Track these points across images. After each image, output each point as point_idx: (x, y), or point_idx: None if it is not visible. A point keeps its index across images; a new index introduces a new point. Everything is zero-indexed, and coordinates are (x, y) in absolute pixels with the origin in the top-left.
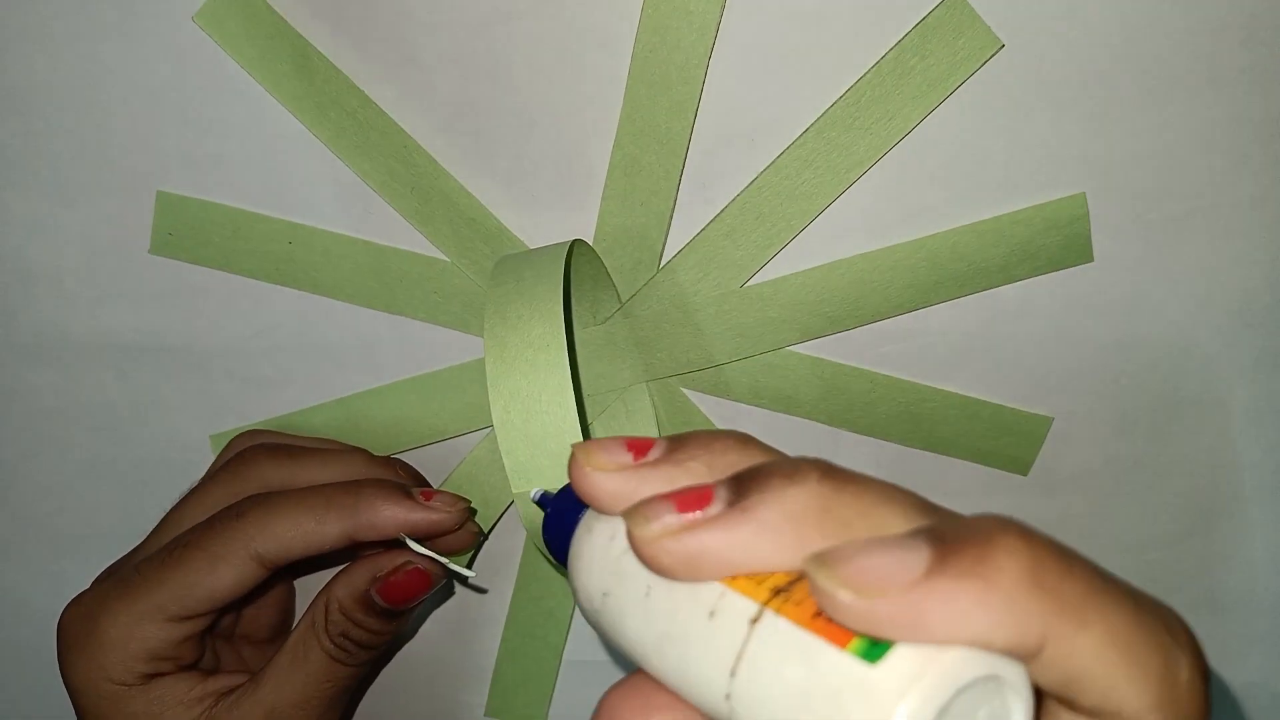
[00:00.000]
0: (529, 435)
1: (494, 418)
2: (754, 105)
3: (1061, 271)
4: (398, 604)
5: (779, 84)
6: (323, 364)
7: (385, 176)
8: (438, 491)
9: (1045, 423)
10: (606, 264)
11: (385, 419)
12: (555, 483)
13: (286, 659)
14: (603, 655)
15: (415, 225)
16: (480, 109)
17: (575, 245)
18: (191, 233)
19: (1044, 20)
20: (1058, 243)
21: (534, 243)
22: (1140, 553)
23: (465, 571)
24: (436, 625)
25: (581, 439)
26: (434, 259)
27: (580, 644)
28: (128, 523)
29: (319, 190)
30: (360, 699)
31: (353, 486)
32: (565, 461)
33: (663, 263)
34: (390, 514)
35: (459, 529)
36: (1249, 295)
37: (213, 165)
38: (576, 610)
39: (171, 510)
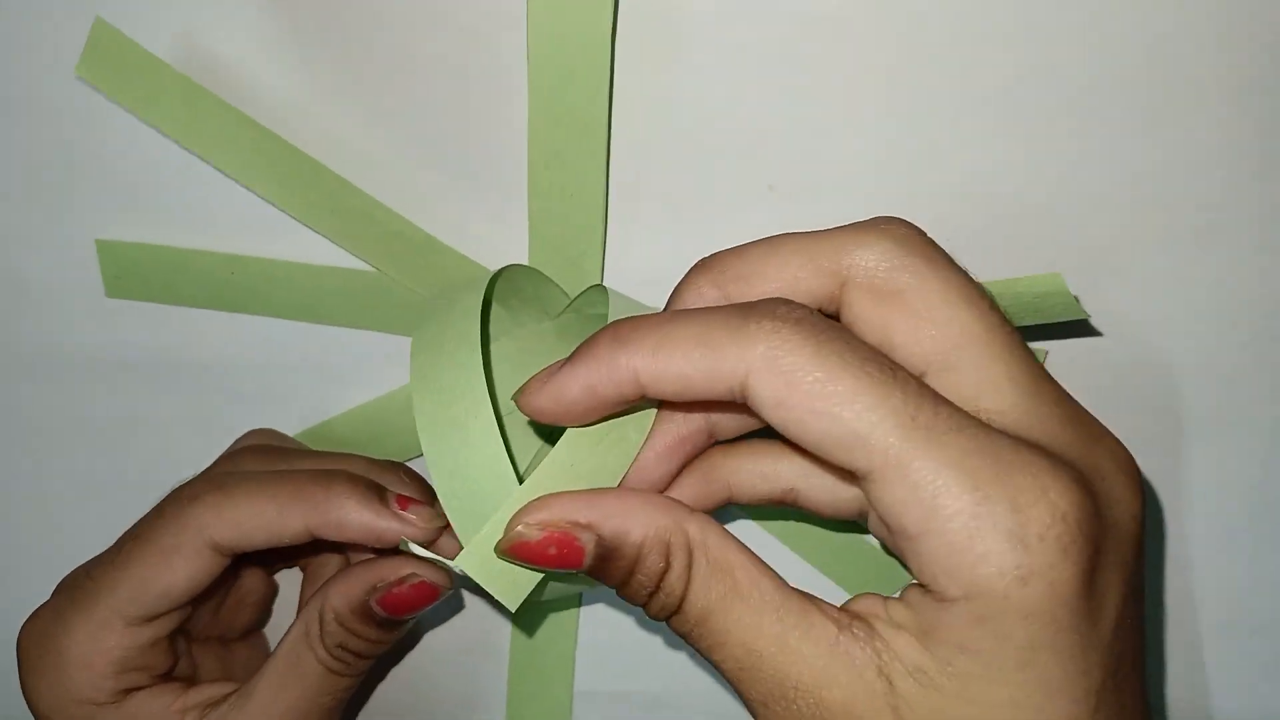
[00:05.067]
0: (476, 512)
1: (439, 493)
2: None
3: (1074, 288)
4: (400, 614)
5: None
6: (321, 381)
7: (303, 204)
8: (416, 502)
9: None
10: (549, 259)
11: (388, 428)
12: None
13: (279, 671)
14: (626, 637)
15: (344, 247)
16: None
17: (499, 276)
18: (137, 274)
19: (1064, 30)
20: (1040, 307)
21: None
22: (1160, 575)
23: (464, 569)
24: (442, 640)
25: (519, 502)
26: (369, 273)
27: (600, 629)
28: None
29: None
30: (360, 708)
31: (324, 478)
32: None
33: (607, 251)
34: (358, 517)
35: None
36: (1270, 311)
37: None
38: (596, 591)
39: (148, 512)
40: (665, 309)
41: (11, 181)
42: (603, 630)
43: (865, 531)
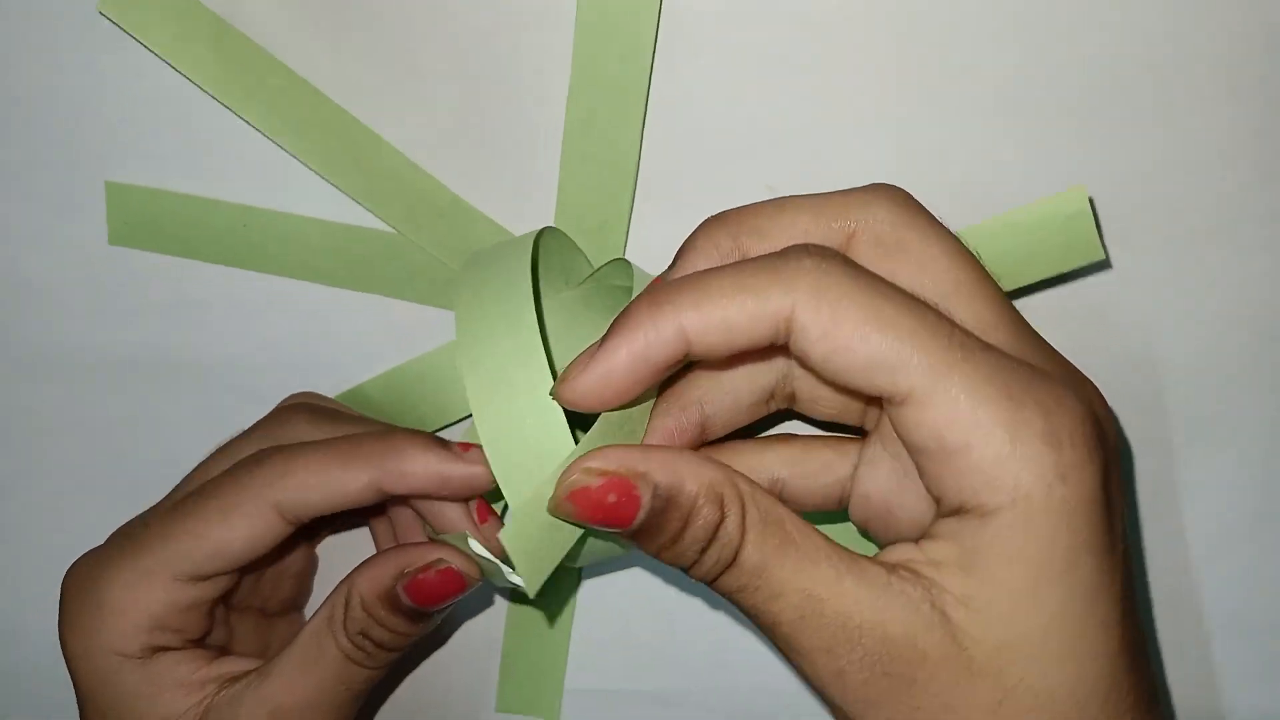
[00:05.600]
0: (523, 466)
1: (485, 446)
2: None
3: (1078, 287)
4: (426, 606)
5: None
6: (325, 378)
7: (324, 156)
8: (478, 447)
9: (1081, 194)
10: (573, 226)
11: (406, 399)
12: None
13: (298, 655)
14: (624, 635)
15: (363, 204)
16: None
17: (539, 233)
18: (146, 222)
19: (1063, 31)
20: (1061, 240)
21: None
22: (1161, 576)
23: (518, 580)
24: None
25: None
26: (387, 234)
27: (598, 626)
28: None
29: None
30: (379, 705)
31: (383, 432)
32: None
33: (631, 222)
34: (423, 463)
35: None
36: (1273, 312)
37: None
38: (595, 590)
39: (196, 467)
40: (674, 262)
41: (12, 178)
42: (601, 628)
43: (844, 520)
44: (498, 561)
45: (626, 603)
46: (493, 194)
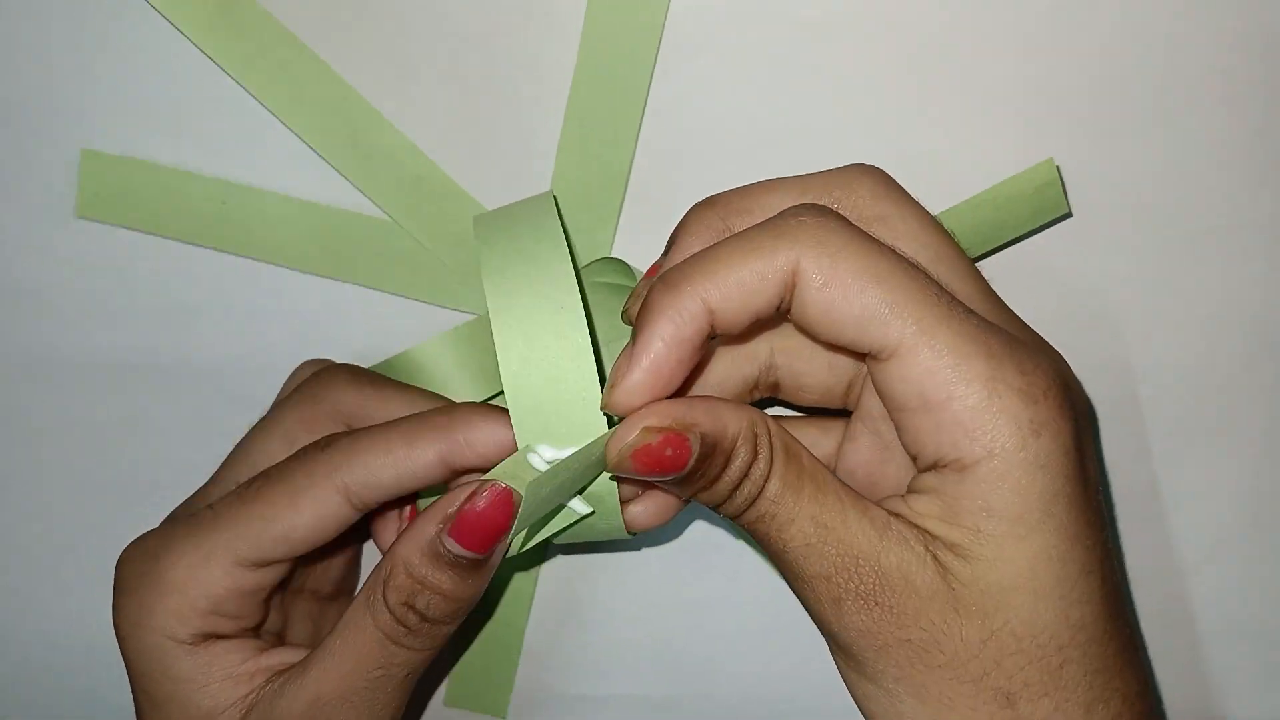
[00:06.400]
0: (540, 403)
1: (506, 389)
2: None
3: (1073, 292)
4: (477, 545)
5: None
6: None
7: (321, 132)
8: None
9: (1049, 166)
10: (566, 216)
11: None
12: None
13: (336, 640)
14: (624, 642)
15: (355, 183)
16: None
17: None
18: (119, 193)
19: (1055, 34)
20: (1031, 206)
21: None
22: (1156, 582)
23: (580, 507)
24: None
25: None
26: (376, 219)
27: (599, 632)
28: (118, 545)
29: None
30: (424, 707)
31: (446, 407)
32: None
33: (620, 218)
34: (490, 431)
35: None
36: (1268, 317)
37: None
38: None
39: (240, 442)
40: (667, 248)
41: (5, 187)
42: (591, 634)
43: None
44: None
45: (619, 608)
46: (486, 186)
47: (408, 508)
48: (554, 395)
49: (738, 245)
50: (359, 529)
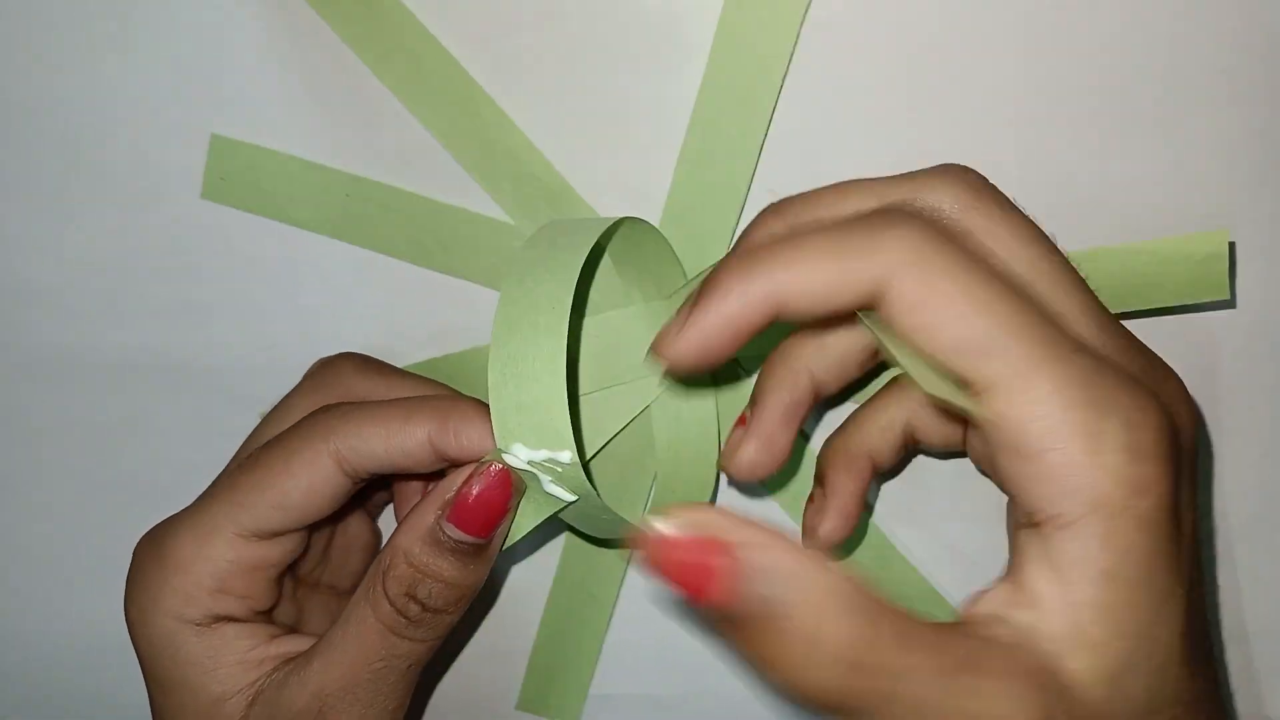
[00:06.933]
0: (520, 403)
1: (489, 379)
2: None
3: None
4: (477, 528)
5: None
6: None
7: (448, 126)
8: None
9: (1223, 236)
10: (676, 235)
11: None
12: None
13: (339, 631)
14: (637, 641)
15: (476, 178)
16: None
17: (628, 221)
18: (244, 178)
19: (1060, 34)
20: (1188, 274)
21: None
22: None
23: (558, 490)
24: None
25: (566, 410)
26: (493, 220)
27: (612, 631)
28: (120, 545)
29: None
30: (427, 698)
31: (449, 393)
32: (550, 431)
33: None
34: (482, 427)
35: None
36: (1268, 317)
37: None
38: (620, 595)
39: (255, 429)
40: (734, 249)
41: (11, 186)
42: (614, 632)
43: None
44: (535, 472)
45: (619, 608)
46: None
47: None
48: (529, 398)
49: (826, 242)
50: (375, 517)
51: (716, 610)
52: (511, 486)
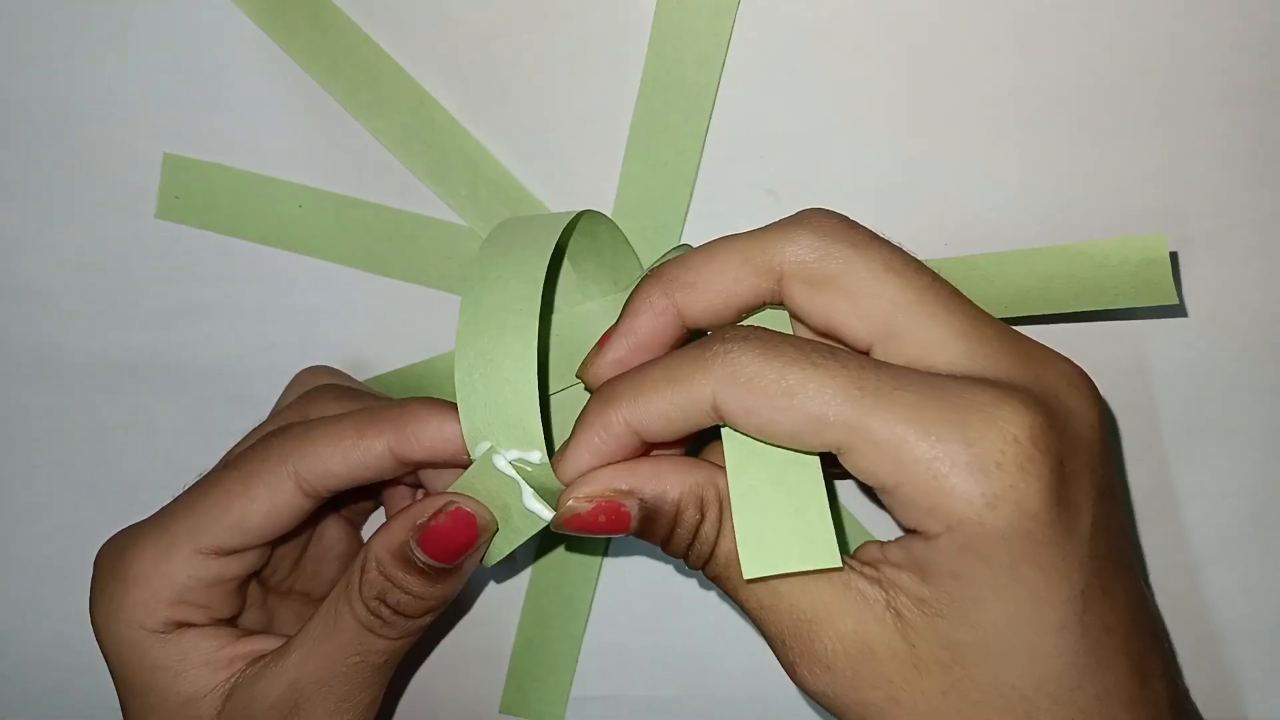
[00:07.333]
0: (489, 402)
1: (456, 379)
2: (779, 84)
3: None
4: (441, 557)
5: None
6: None
7: (400, 134)
8: None
9: (1160, 240)
10: (628, 228)
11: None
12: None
13: (316, 626)
14: (625, 642)
15: (430, 186)
16: (501, 66)
17: (585, 215)
18: (198, 196)
19: (1058, 36)
20: (1133, 278)
21: (555, 207)
22: (1157, 582)
23: (537, 507)
24: (445, 616)
25: (537, 411)
26: (449, 223)
27: (599, 633)
28: None
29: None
30: (401, 692)
31: (399, 401)
32: (519, 430)
33: (686, 226)
34: (438, 427)
35: None
36: (1270, 316)
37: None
38: (596, 597)
39: (226, 453)
40: (617, 322)
41: (9, 187)
42: (593, 635)
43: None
44: (519, 480)
45: (619, 609)
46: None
47: (420, 491)
48: (499, 397)
49: (661, 374)
50: (357, 525)
51: (636, 534)
52: (476, 524)
